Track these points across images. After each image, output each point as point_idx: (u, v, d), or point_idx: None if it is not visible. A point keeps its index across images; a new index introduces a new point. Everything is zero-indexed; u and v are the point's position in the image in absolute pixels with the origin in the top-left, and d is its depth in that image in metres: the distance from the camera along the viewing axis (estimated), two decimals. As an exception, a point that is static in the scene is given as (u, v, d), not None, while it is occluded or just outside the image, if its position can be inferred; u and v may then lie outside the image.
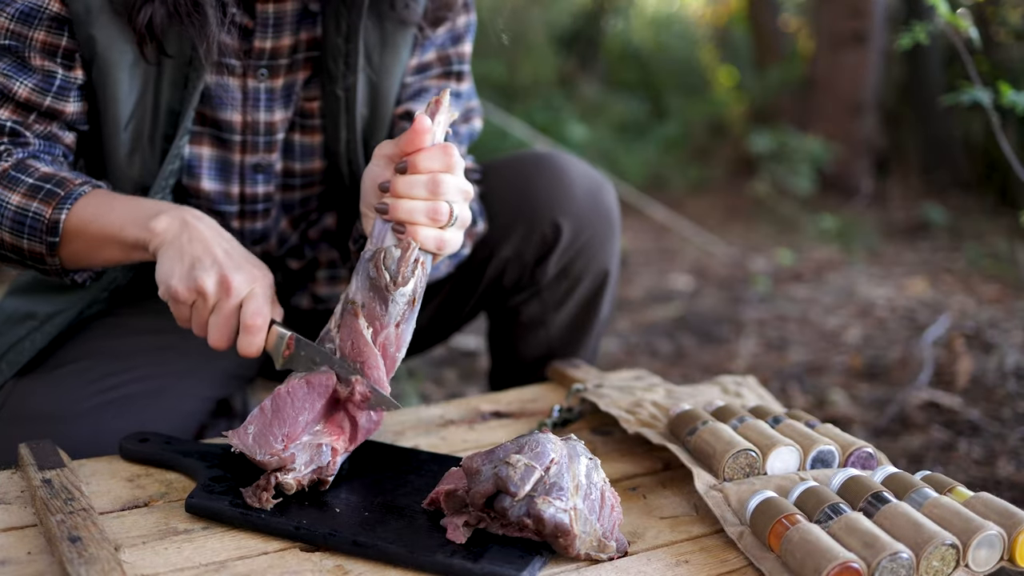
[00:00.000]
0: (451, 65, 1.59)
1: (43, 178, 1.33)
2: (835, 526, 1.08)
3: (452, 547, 1.08)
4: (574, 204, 1.63)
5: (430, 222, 1.19)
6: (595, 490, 1.10)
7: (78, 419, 1.42)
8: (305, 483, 1.18)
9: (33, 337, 1.49)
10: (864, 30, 5.84)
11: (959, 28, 2.12)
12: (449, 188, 1.19)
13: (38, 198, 1.31)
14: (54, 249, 1.33)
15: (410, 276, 1.19)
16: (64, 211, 1.30)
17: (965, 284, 3.89)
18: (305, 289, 1.68)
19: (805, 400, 2.60)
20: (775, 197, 5.45)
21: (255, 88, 1.47)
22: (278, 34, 1.45)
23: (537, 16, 8.07)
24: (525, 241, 1.64)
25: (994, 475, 2.08)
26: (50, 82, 1.37)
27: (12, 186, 1.33)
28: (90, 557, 1.01)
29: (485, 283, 1.69)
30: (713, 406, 1.40)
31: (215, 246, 1.24)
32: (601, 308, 1.74)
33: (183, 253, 1.23)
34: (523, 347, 1.75)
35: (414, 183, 1.18)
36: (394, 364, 1.23)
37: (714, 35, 9.44)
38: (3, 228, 1.34)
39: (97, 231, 1.30)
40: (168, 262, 1.24)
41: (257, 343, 1.23)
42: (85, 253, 1.34)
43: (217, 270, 1.22)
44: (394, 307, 1.19)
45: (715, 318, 3.54)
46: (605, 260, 1.70)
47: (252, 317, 1.22)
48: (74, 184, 1.33)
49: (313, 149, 1.55)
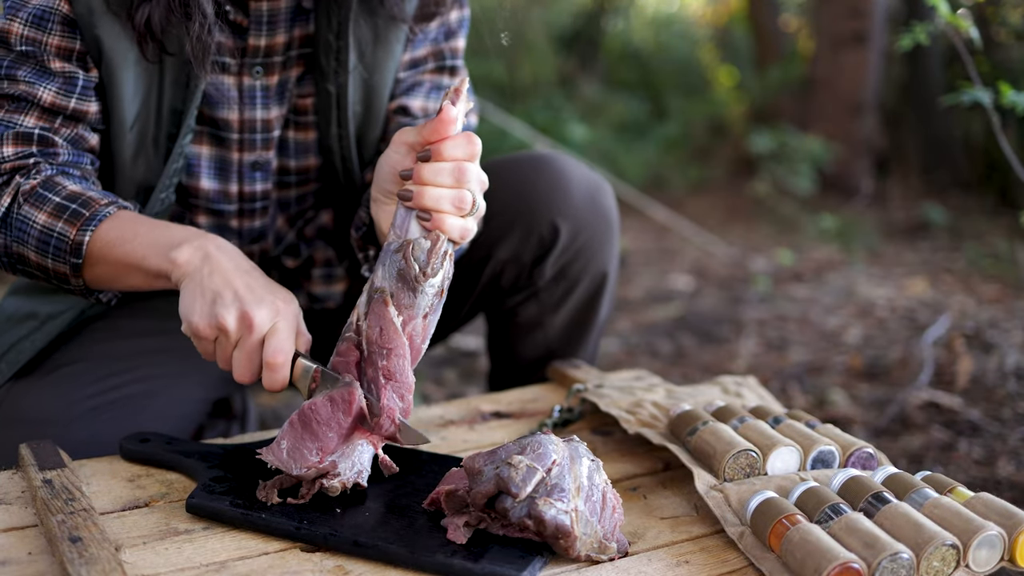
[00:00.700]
0: (444, 60, 1.59)
1: (69, 197, 1.32)
2: (835, 526, 1.08)
3: (452, 547, 1.08)
4: (572, 206, 1.63)
5: (455, 210, 1.19)
6: (597, 491, 1.10)
7: (77, 421, 1.42)
8: (349, 485, 1.18)
9: (33, 337, 1.49)
10: (864, 30, 5.84)
11: (959, 28, 2.12)
12: (472, 177, 1.20)
13: (63, 218, 1.31)
14: (78, 270, 1.32)
15: (439, 268, 1.19)
16: (88, 233, 1.30)
17: (965, 284, 3.89)
18: (301, 288, 1.68)
19: (805, 400, 2.60)
20: (775, 197, 5.45)
21: (251, 86, 1.47)
22: (272, 31, 1.45)
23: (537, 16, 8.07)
24: (523, 242, 1.64)
25: (994, 475, 2.08)
26: (73, 83, 1.36)
27: (39, 204, 1.32)
28: (91, 557, 1.01)
29: (482, 284, 1.69)
30: (713, 406, 1.40)
31: (236, 279, 1.23)
32: (600, 310, 1.74)
33: (204, 288, 1.22)
34: (521, 348, 1.74)
35: (440, 171, 1.18)
36: (419, 355, 1.23)
37: (714, 35, 9.44)
38: (29, 247, 1.33)
39: (121, 256, 1.29)
40: (189, 296, 1.23)
41: (280, 379, 1.21)
42: (109, 278, 1.33)
43: (238, 306, 1.20)
44: (423, 298, 1.19)
45: (715, 318, 3.54)
46: (603, 262, 1.69)
47: (273, 355, 1.20)
48: (100, 204, 1.32)
49: (308, 146, 1.55)
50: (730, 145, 7.28)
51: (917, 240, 4.84)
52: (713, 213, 5.74)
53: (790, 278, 4.15)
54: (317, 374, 1.22)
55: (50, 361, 1.48)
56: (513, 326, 1.73)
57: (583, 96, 7.45)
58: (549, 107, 6.55)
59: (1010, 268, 4.02)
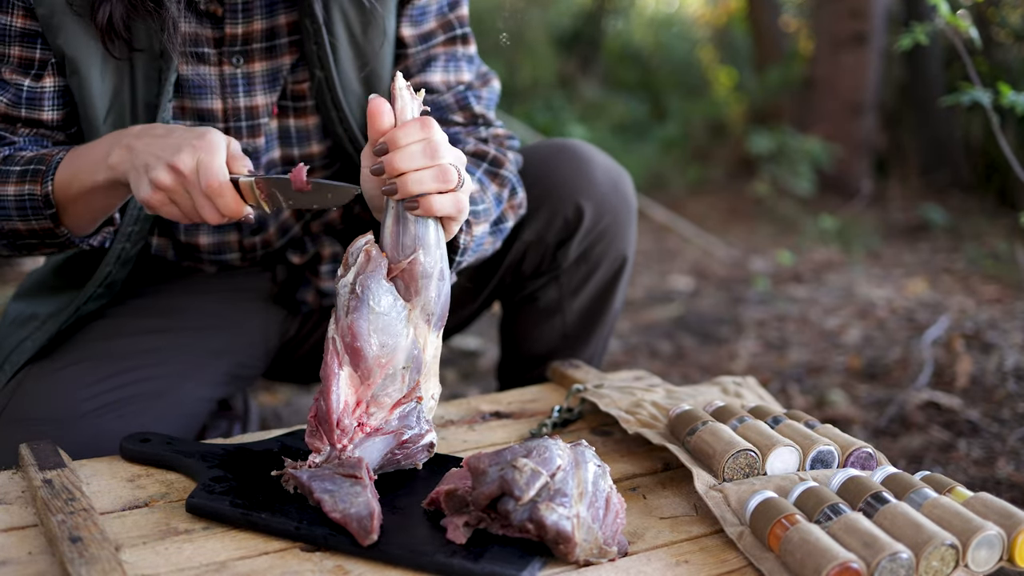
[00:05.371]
0: (454, 29, 1.58)
1: (28, 161, 1.39)
2: (835, 526, 1.08)
3: (452, 547, 1.08)
4: (596, 188, 1.65)
5: (441, 186, 1.17)
6: (600, 497, 1.10)
7: (78, 421, 1.42)
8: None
9: (35, 336, 1.50)
10: (864, 30, 5.84)
11: (959, 29, 2.12)
12: (445, 148, 1.18)
13: (27, 180, 1.37)
14: (58, 220, 1.39)
15: (351, 264, 1.19)
16: (49, 183, 1.36)
17: (965, 284, 3.89)
18: (309, 284, 1.68)
19: (805, 400, 2.60)
20: (775, 197, 5.45)
21: (232, 74, 1.48)
22: (248, 19, 1.46)
23: (537, 16, 8.08)
24: (548, 224, 1.66)
25: (994, 475, 2.08)
26: (19, 95, 1.42)
27: (5, 179, 1.38)
28: (91, 557, 1.01)
29: (505, 268, 1.70)
30: (713, 406, 1.40)
31: (154, 145, 1.28)
32: (615, 297, 1.76)
33: (137, 168, 1.28)
34: (537, 335, 1.75)
35: (412, 154, 1.16)
36: (359, 354, 1.18)
37: (714, 35, 9.44)
38: (14, 219, 1.39)
39: (78, 189, 1.35)
40: (134, 183, 1.29)
41: (230, 202, 1.26)
42: (84, 212, 1.39)
43: (163, 162, 1.25)
44: (339, 298, 1.20)
45: (715, 318, 3.54)
46: (624, 245, 1.72)
47: (207, 186, 1.25)
48: (52, 156, 1.38)
49: (309, 132, 1.56)
50: (730, 145, 7.28)
51: (917, 241, 4.84)
52: (713, 213, 5.74)
53: (790, 278, 4.15)
54: (260, 183, 1.26)
55: (52, 362, 1.48)
56: (531, 311, 1.74)
57: (583, 97, 7.45)
58: (549, 108, 6.55)
59: (1010, 268, 4.02)
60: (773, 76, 6.77)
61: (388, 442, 1.23)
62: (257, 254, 1.64)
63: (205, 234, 1.59)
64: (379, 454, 1.23)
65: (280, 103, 1.53)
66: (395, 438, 1.23)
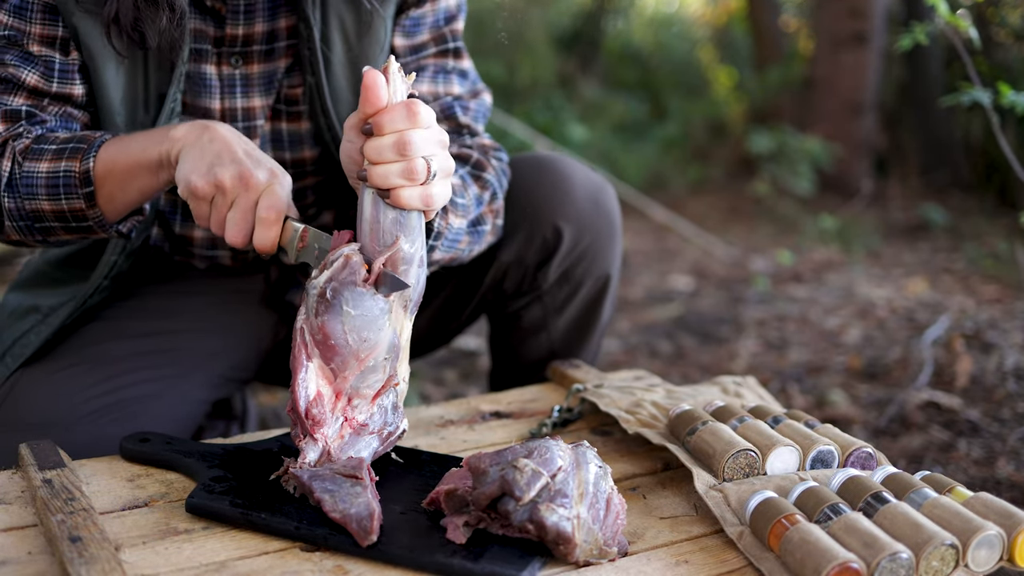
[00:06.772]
0: (447, 43, 1.58)
1: (64, 141, 1.36)
2: (835, 526, 1.08)
3: (452, 547, 1.08)
4: (575, 208, 1.63)
5: (408, 182, 1.17)
6: (601, 498, 1.10)
7: (76, 423, 1.42)
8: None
9: (38, 329, 1.49)
10: (864, 30, 5.84)
11: (959, 28, 2.12)
12: (418, 144, 1.16)
13: (64, 158, 1.34)
14: (92, 199, 1.35)
15: (326, 267, 1.18)
16: (91, 159, 1.33)
17: (965, 284, 3.90)
18: (300, 286, 1.68)
19: (805, 400, 2.60)
20: (775, 197, 5.45)
21: (230, 75, 1.49)
22: (249, 20, 1.46)
23: (537, 16, 8.07)
24: (526, 245, 1.64)
25: (994, 475, 2.08)
26: (51, 68, 1.40)
27: (38, 157, 1.36)
28: (90, 557, 1.01)
29: (485, 287, 1.69)
30: (713, 406, 1.40)
31: (236, 146, 1.26)
32: (602, 312, 1.74)
33: (203, 152, 1.25)
34: (525, 351, 1.74)
35: (382, 147, 1.15)
36: (333, 351, 1.19)
37: (714, 35, 9.45)
38: (40, 198, 1.36)
39: (123, 164, 1.32)
40: (189, 161, 1.26)
41: (271, 236, 1.24)
42: (120, 191, 1.35)
43: (236, 167, 1.23)
44: (308, 299, 1.19)
45: (715, 318, 3.54)
46: (606, 264, 1.69)
47: (267, 210, 1.23)
48: (95, 136, 1.36)
49: (301, 137, 1.55)
50: (730, 145, 7.29)
51: (917, 240, 4.84)
52: (713, 213, 5.74)
53: (790, 278, 4.15)
54: (305, 233, 1.25)
55: (51, 363, 1.48)
56: (517, 329, 1.73)
57: (583, 96, 7.45)
58: (549, 107, 6.55)
59: (1010, 268, 4.02)
60: (773, 76, 6.78)
61: (376, 441, 1.25)
62: (249, 255, 1.64)
63: (200, 227, 1.59)
64: (370, 455, 1.24)
65: (274, 106, 1.53)
66: (379, 437, 1.25)
